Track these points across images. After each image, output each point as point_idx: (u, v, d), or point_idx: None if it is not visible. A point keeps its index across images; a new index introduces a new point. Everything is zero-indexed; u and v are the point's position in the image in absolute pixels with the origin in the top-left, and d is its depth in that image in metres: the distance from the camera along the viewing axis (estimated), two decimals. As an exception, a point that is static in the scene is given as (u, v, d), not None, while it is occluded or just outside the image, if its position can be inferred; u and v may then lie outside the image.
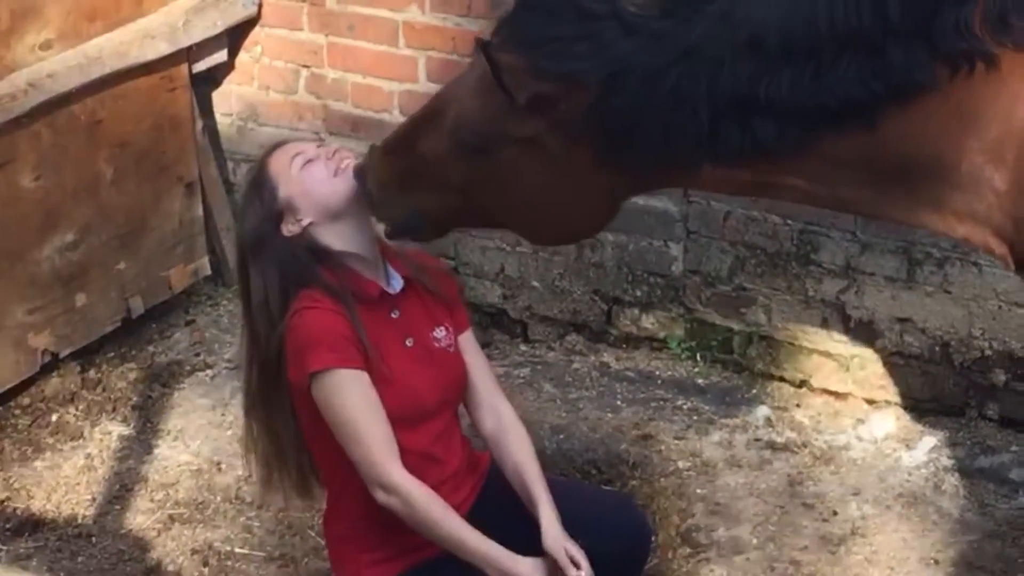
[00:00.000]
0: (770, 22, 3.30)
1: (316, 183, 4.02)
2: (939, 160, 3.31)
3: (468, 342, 4.29)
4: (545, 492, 4.10)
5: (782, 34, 3.28)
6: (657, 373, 5.88)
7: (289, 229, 4.02)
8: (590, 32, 3.40)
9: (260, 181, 4.08)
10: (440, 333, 4.18)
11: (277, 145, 4.19)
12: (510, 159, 3.54)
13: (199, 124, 6.31)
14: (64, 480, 5.37)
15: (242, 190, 4.26)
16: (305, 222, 4.02)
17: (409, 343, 4.10)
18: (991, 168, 3.27)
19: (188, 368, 6.02)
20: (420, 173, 3.71)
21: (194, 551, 5.00)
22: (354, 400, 3.94)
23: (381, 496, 3.93)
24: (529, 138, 3.49)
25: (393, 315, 4.10)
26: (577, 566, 3.94)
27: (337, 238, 4.05)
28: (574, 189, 3.57)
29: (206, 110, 6.43)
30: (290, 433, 4.17)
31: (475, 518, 4.09)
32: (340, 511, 4.22)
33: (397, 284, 4.13)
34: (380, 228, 4.05)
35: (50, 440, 5.57)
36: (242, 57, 6.41)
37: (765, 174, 3.48)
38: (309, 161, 4.04)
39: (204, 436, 5.60)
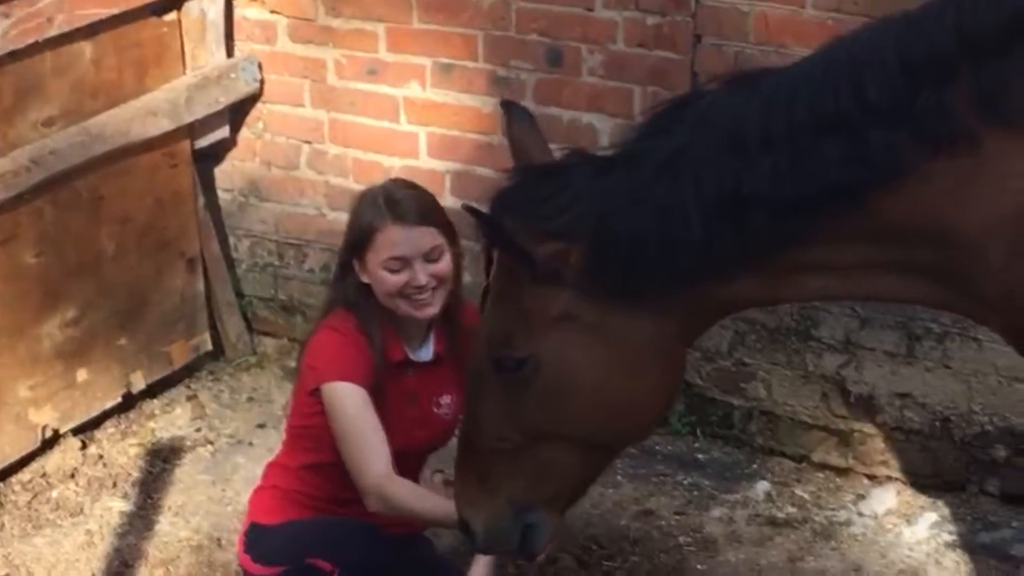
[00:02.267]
0: (748, 115, 3.32)
1: (384, 290, 4.30)
2: (939, 238, 3.30)
3: None
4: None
5: (761, 125, 3.30)
6: (657, 448, 5.83)
7: (358, 272, 4.34)
8: (566, 183, 3.44)
9: (366, 228, 4.31)
10: (445, 400, 4.48)
11: (404, 216, 4.29)
12: (556, 350, 3.49)
13: (201, 200, 6.33)
14: (64, 557, 5.32)
15: (364, 198, 4.42)
16: (365, 280, 4.33)
17: (413, 401, 4.43)
18: (989, 244, 3.25)
19: (189, 443, 6.01)
20: (492, 458, 3.64)
21: (194, 628, 5.01)
22: (357, 416, 4.24)
23: (368, 502, 4.21)
24: (561, 315, 3.46)
25: (409, 373, 4.43)
26: None
27: (383, 302, 4.35)
28: (630, 354, 3.51)
29: (208, 186, 6.45)
30: None
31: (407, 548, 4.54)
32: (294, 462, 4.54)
33: (426, 355, 4.45)
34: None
35: (50, 516, 5.54)
36: (244, 133, 6.43)
37: (782, 275, 3.46)
38: (397, 271, 4.26)
39: (205, 512, 5.58)
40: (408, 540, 4.55)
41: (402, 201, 4.37)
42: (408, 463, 4.38)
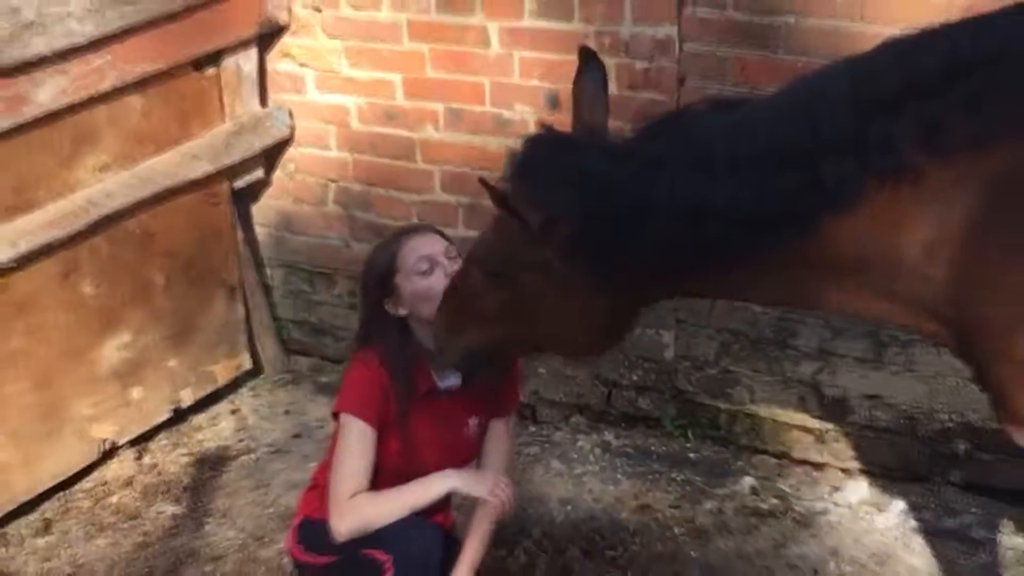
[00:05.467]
0: (719, 138, 3.34)
1: (421, 296, 4.24)
2: (884, 259, 3.31)
3: (497, 427, 4.55)
4: (470, 556, 4.38)
5: (728, 149, 3.31)
6: (653, 449, 5.84)
7: (390, 307, 4.30)
8: (570, 164, 3.49)
9: (387, 258, 4.32)
10: (472, 422, 4.46)
11: (418, 229, 4.42)
12: (527, 283, 3.62)
13: (240, 235, 6.33)
14: (124, 556, 5.31)
15: (375, 248, 4.46)
16: (403, 312, 4.29)
17: (443, 423, 4.39)
18: (929, 265, 3.27)
19: (233, 453, 6.00)
20: (467, 313, 3.83)
21: (240, 618, 4.97)
22: (350, 448, 4.27)
23: (331, 520, 4.24)
24: (539, 263, 3.55)
25: (441, 398, 4.38)
26: None
27: (419, 332, 4.30)
28: (583, 308, 3.62)
29: (246, 222, 6.45)
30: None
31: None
32: None
33: (453, 381, 4.38)
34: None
35: (111, 520, 5.53)
36: (278, 174, 6.43)
37: (733, 276, 3.50)
38: (429, 271, 4.25)
39: (248, 514, 5.56)
40: (449, 535, 4.53)
41: (408, 226, 4.49)
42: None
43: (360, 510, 4.22)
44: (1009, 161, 3.15)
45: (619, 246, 3.45)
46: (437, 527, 4.39)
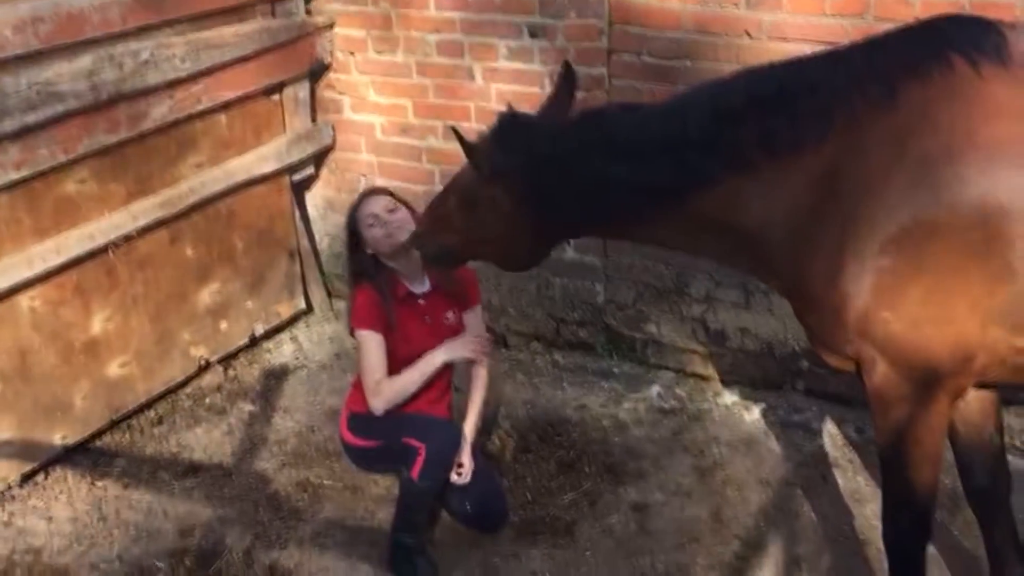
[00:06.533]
0: (621, 130, 3.43)
1: (374, 241, 4.40)
2: (743, 226, 3.37)
3: (471, 315, 4.60)
4: (475, 412, 4.47)
5: (626, 137, 3.40)
6: (589, 366, 5.88)
7: (364, 248, 4.42)
8: (525, 136, 3.57)
9: (354, 217, 4.43)
10: (449, 315, 4.52)
11: (371, 193, 4.47)
12: (479, 211, 3.67)
13: (297, 214, 6.34)
14: (214, 441, 5.42)
15: (348, 211, 4.50)
16: (370, 252, 4.43)
17: (427, 319, 4.47)
18: (768, 231, 3.35)
19: (292, 368, 6.03)
20: (443, 222, 3.85)
21: (297, 483, 5.05)
22: (368, 351, 4.35)
23: (370, 399, 4.33)
24: (488, 199, 3.63)
25: (420, 302, 4.47)
26: (459, 474, 4.38)
27: (387, 261, 4.43)
28: (518, 234, 3.67)
29: (301, 204, 6.45)
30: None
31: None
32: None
33: (424, 287, 4.49)
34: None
35: (205, 415, 5.62)
36: (324, 171, 6.43)
37: (621, 225, 3.60)
38: (374, 224, 4.35)
39: (303, 411, 5.64)
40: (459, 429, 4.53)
41: (364, 191, 4.56)
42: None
43: (387, 389, 4.31)
44: (820, 159, 3.22)
45: (543, 198, 3.52)
46: (455, 425, 4.45)
